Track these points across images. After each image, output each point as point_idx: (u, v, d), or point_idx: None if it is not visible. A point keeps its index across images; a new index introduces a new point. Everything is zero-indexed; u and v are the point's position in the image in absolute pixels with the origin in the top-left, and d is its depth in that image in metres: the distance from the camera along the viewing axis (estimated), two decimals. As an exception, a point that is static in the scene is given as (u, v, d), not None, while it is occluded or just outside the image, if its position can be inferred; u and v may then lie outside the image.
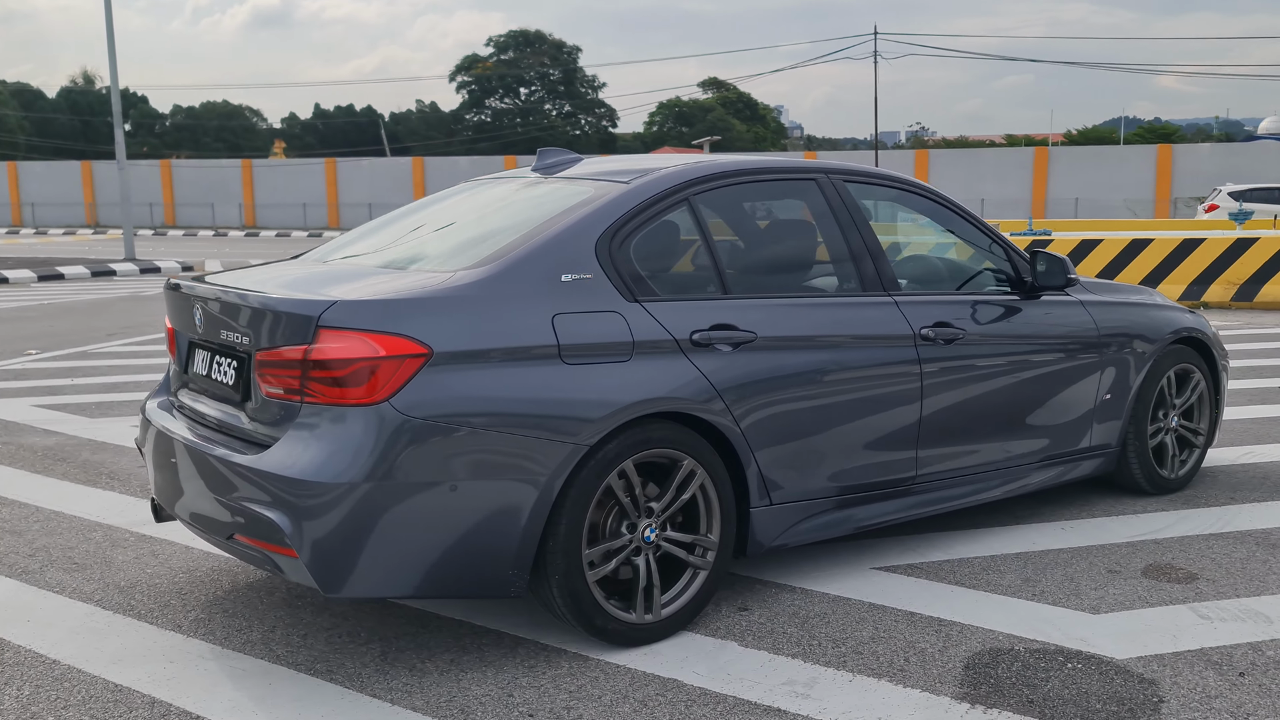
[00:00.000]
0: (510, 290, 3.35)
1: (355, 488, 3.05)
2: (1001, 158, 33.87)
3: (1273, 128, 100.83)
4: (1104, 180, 31.03)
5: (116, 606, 3.92)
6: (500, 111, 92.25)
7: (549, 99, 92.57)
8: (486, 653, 3.48)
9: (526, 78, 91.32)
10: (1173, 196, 31.27)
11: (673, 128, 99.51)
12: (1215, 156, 32.11)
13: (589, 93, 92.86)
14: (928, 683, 3.24)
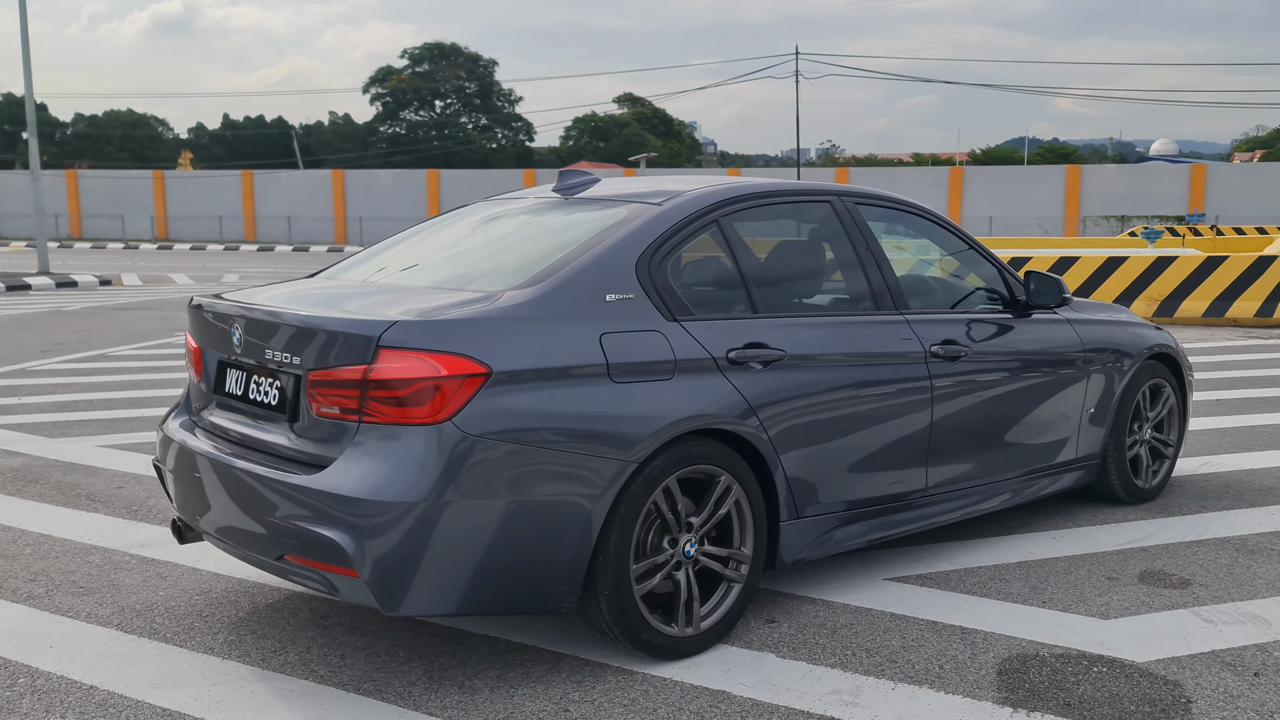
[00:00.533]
0: (560, 310, 3.41)
1: (417, 507, 3.08)
2: (919, 176, 34.74)
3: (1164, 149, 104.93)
4: (1016, 199, 32.02)
5: (139, 630, 3.86)
6: (415, 124, 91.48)
7: (465, 112, 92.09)
8: (531, 668, 3.52)
9: (442, 90, 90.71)
10: (1081, 215, 32.44)
11: (589, 143, 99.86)
12: (1122, 177, 33.39)
13: (505, 106, 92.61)
14: (967, 688, 3.36)
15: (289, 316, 3.44)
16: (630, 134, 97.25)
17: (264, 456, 3.46)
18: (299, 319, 3.39)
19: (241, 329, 3.57)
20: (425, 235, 4.41)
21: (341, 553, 3.10)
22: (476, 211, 4.52)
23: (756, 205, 4.10)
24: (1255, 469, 6.09)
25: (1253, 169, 35.42)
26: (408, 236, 4.47)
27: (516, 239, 4.11)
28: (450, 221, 4.50)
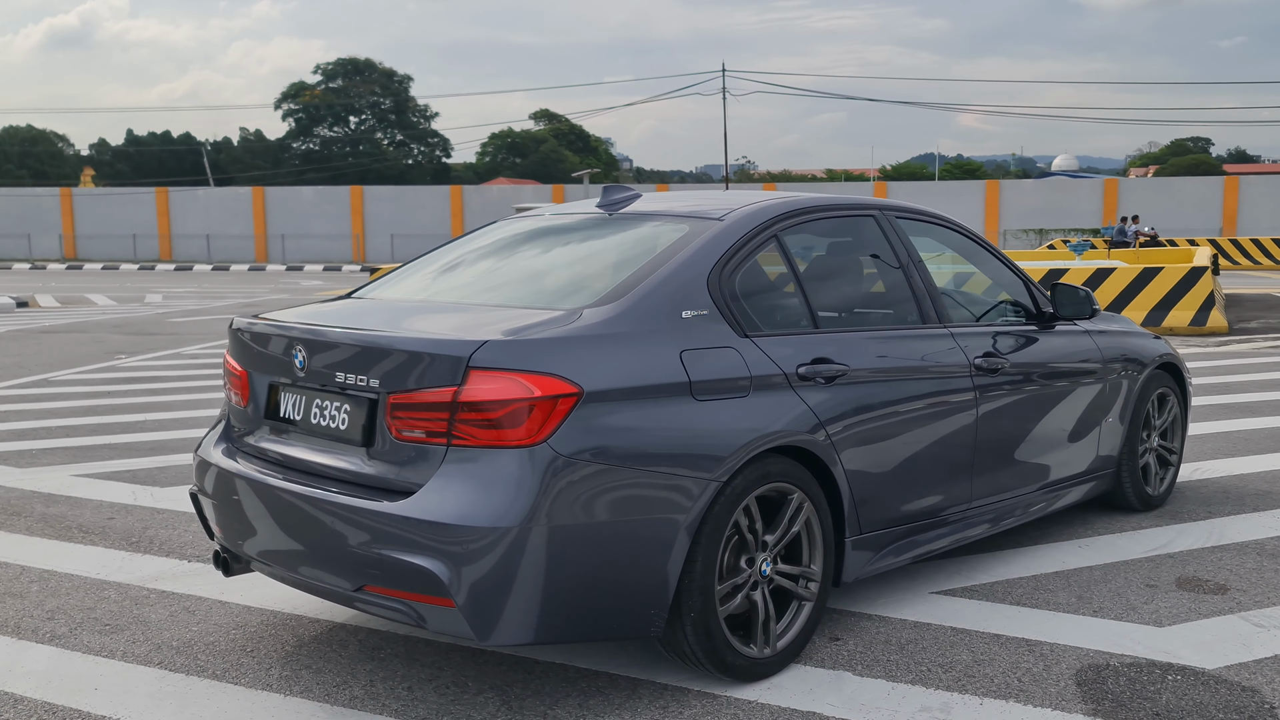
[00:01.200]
0: (641, 328, 3.34)
1: (514, 531, 2.98)
2: (845, 192, 35.29)
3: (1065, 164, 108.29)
4: (939, 212, 32.69)
5: (185, 668, 3.68)
6: (330, 140, 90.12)
7: (380, 128, 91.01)
8: (610, 695, 3.43)
9: (357, 106, 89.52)
10: (1001, 229, 33.25)
11: (506, 159, 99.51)
12: (1038, 191, 34.34)
13: (421, 122, 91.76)
14: (1052, 701, 3.37)
15: (367, 337, 3.31)
16: (548, 150, 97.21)
17: (333, 483, 3.32)
18: (378, 339, 3.27)
19: (306, 351, 3.43)
20: (469, 252, 4.30)
21: (436, 582, 2.99)
22: (517, 227, 4.43)
23: (811, 219, 4.08)
24: (1245, 474, 6.25)
25: (1161, 183, 36.71)
26: (449, 253, 4.36)
27: (577, 256, 4.04)
28: (492, 238, 4.40)
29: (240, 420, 3.79)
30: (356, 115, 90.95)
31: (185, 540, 5.15)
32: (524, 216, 4.57)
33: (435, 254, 4.42)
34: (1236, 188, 33.66)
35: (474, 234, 4.56)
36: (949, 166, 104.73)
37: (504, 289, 3.88)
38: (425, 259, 4.41)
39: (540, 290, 3.79)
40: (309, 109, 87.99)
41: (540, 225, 4.37)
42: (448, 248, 4.46)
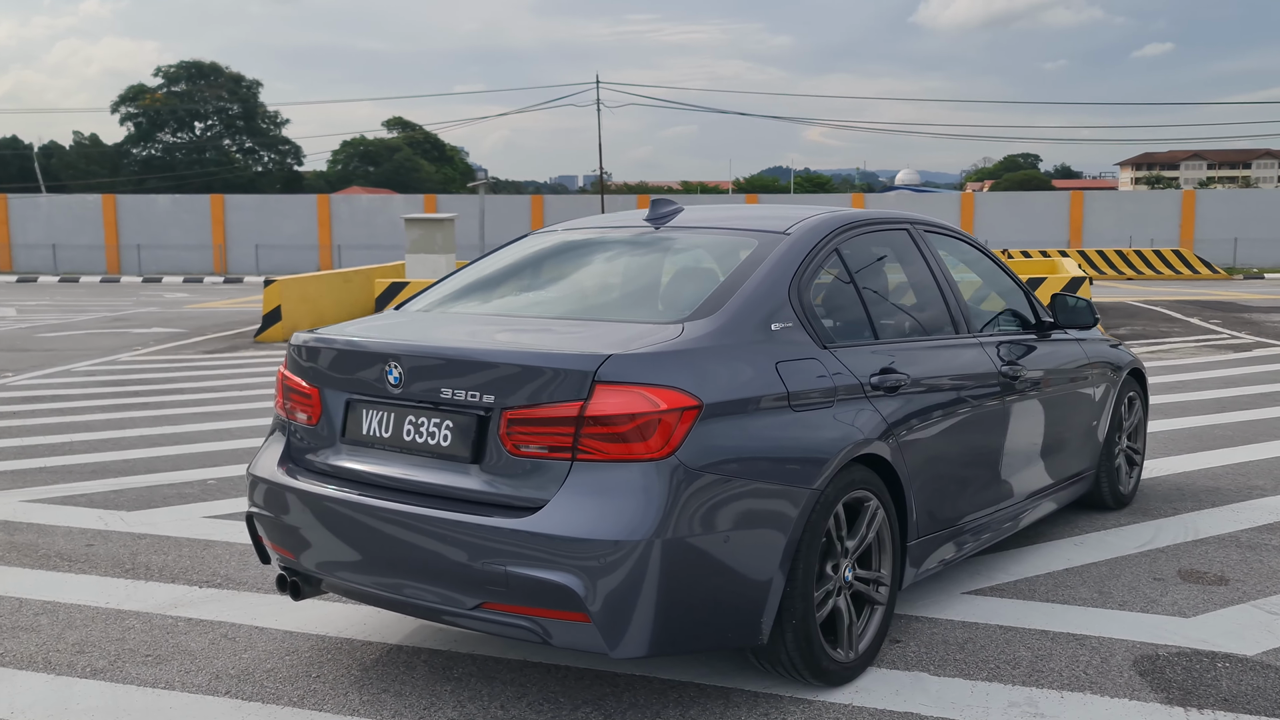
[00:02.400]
0: (741, 341, 3.40)
1: (647, 545, 2.99)
2: (715, 203, 35.90)
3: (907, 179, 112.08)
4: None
5: (258, 696, 3.55)
6: (173, 146, 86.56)
7: (228, 134, 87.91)
8: (706, 705, 3.46)
9: (202, 111, 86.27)
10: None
11: (358, 167, 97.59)
12: (900, 204, 35.67)
13: (272, 129, 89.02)
14: (1125, 691, 3.56)
15: (479, 353, 3.26)
16: (402, 159, 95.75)
17: (436, 500, 3.26)
18: (493, 355, 3.23)
19: (404, 367, 3.35)
20: (525, 264, 4.27)
21: (571, 596, 2.97)
22: (566, 239, 4.42)
23: (863, 233, 4.20)
24: (1188, 471, 6.67)
25: (1014, 198, 38.57)
26: (499, 265, 4.32)
27: (649, 269, 4.06)
28: (542, 249, 4.37)
29: (309, 438, 3.68)
30: (202, 121, 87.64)
31: (184, 566, 4.94)
32: (570, 228, 4.55)
33: (481, 266, 4.37)
34: (1081, 202, 35.65)
35: (513, 246, 4.52)
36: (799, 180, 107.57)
37: (588, 302, 3.88)
38: (473, 271, 4.35)
39: (630, 303, 3.80)
40: (150, 113, 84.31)
41: (594, 238, 4.37)
42: (493, 260, 4.41)
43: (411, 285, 15.75)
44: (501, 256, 4.43)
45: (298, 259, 36.49)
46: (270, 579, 4.72)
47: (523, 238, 4.63)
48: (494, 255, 4.48)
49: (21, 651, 3.95)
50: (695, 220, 4.26)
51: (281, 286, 15.69)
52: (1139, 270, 30.68)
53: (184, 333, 16.52)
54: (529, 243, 4.51)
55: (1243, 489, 6.25)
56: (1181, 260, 31.45)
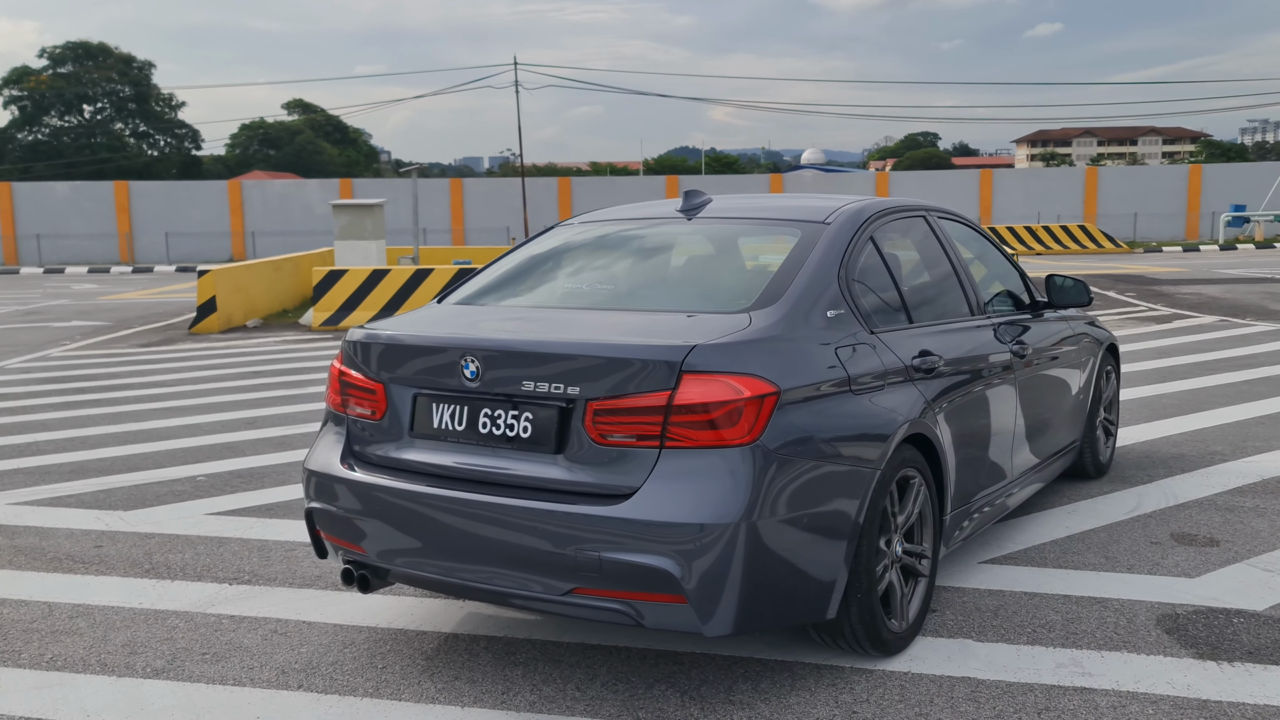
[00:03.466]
0: (805, 328, 3.53)
1: (738, 526, 3.11)
2: (637, 185, 36.02)
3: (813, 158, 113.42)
4: (730, 206, 33.99)
5: (332, 688, 3.58)
6: (61, 130, 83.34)
7: (120, 117, 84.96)
8: (775, 678, 3.60)
9: (92, 94, 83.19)
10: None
11: (259, 150, 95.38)
12: (817, 183, 36.25)
13: (166, 112, 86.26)
14: (1158, 649, 3.80)
15: (563, 345, 3.34)
16: (304, 142, 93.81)
17: (518, 491, 3.34)
18: (578, 347, 3.30)
19: (481, 361, 3.41)
20: (566, 255, 4.34)
21: (668, 579, 3.08)
22: (605, 230, 4.49)
23: (891, 220, 4.36)
24: (1152, 439, 7.02)
25: (926, 176, 39.48)
26: (541, 256, 4.38)
27: (698, 259, 4.16)
28: (581, 241, 4.44)
29: (373, 432, 3.71)
30: (91, 104, 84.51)
31: (205, 564, 4.92)
32: (599, 221, 4.62)
33: (518, 257, 4.42)
34: (990, 180, 36.65)
35: (547, 237, 4.57)
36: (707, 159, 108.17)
37: (647, 293, 3.96)
38: (511, 262, 4.40)
39: (689, 294, 3.90)
40: (35, 96, 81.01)
41: (633, 230, 4.45)
42: (529, 251, 4.46)
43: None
44: (537, 247, 4.49)
45: (209, 247, 35.61)
46: (299, 573, 4.73)
47: (551, 229, 4.69)
48: (529, 246, 4.53)
49: (71, 655, 3.92)
50: (729, 210, 4.37)
51: (216, 277, 15.38)
52: (1048, 245, 31.68)
53: (109, 325, 16.09)
54: (563, 234, 4.57)
55: (1204, 455, 6.61)
56: (1087, 235, 32.56)
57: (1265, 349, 11.21)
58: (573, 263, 4.32)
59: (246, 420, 8.39)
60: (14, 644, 4.04)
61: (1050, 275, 5.39)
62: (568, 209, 35.12)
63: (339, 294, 15.37)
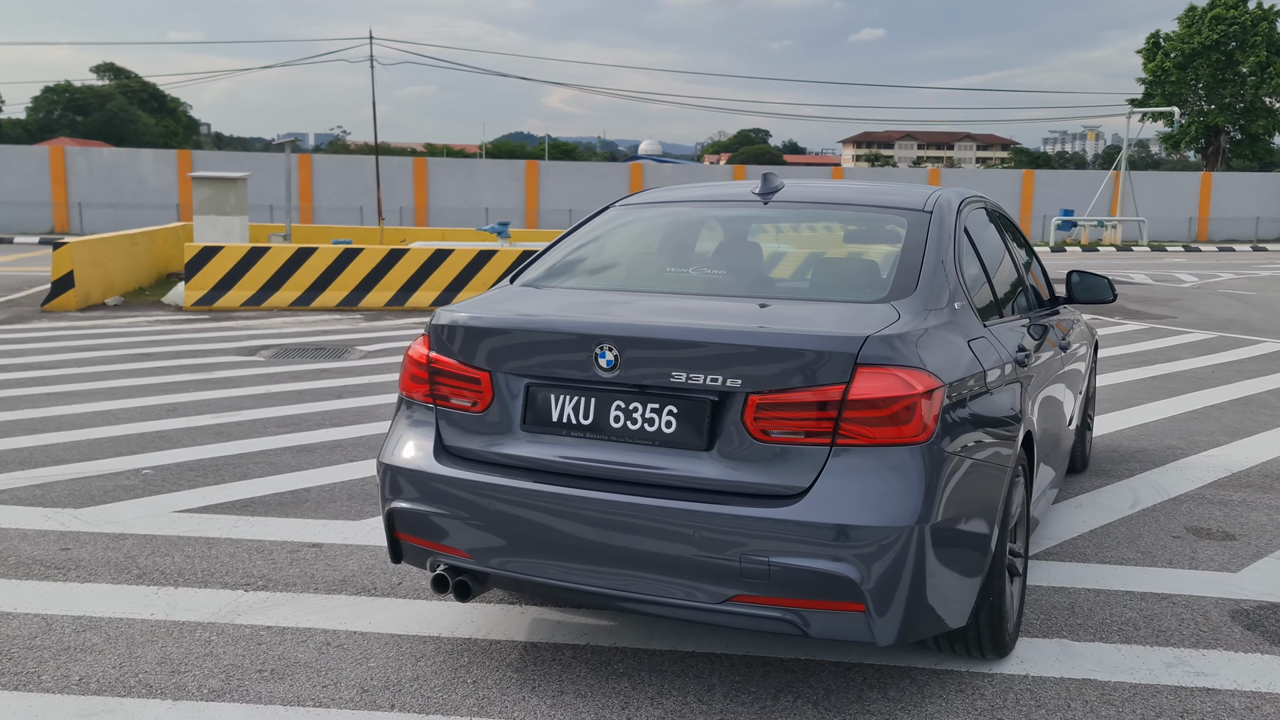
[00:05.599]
0: (942, 320, 3.37)
1: (917, 529, 2.94)
2: (497, 169, 35.19)
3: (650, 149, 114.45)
4: (589, 193, 33.64)
5: (433, 707, 3.24)
6: None
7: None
8: (899, 684, 3.45)
9: None
10: (648, 210, 34.76)
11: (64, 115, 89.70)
12: (677, 176, 36.31)
13: (-40, 72, 79.87)
14: (1252, 645, 3.82)
15: (723, 334, 3.07)
16: (116, 108, 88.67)
17: (662, 491, 3.06)
18: (740, 337, 3.04)
19: (620, 349, 3.11)
20: (652, 237, 4.06)
21: (849, 585, 2.88)
22: (685, 212, 4.23)
23: (973, 210, 4.25)
24: (1111, 433, 7.21)
25: (798, 172, 40.05)
26: (619, 236, 4.09)
27: (806, 246, 3.96)
28: (661, 223, 4.17)
29: (475, 426, 3.36)
30: None
31: (204, 568, 4.43)
32: (673, 201, 4.32)
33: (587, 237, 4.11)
34: (843, 176, 37.58)
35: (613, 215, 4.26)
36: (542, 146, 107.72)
37: (771, 281, 3.73)
38: (579, 242, 4.08)
39: (817, 282, 3.70)
40: None
41: (722, 213, 4.19)
42: (598, 230, 4.16)
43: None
44: (609, 227, 4.18)
45: (24, 217, 33.00)
46: (319, 578, 4.32)
47: (610, 208, 4.38)
48: (596, 226, 4.21)
49: (103, 676, 3.43)
50: (810, 196, 4.18)
51: (74, 250, 14.19)
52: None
53: (-53, 300, 14.66)
54: (635, 215, 4.28)
55: (1164, 450, 6.83)
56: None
57: (1149, 346, 11.75)
58: (667, 246, 4.04)
59: (166, 407, 7.71)
60: (24, 664, 3.51)
61: (1072, 271, 5.42)
62: (424, 190, 34.14)
63: (213, 272, 14.44)
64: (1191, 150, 52.51)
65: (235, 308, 14.38)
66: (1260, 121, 47.46)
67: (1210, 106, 47.88)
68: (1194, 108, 47.97)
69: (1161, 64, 47.84)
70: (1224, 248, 34.89)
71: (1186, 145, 50.69)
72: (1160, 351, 11.40)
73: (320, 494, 5.52)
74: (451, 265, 14.92)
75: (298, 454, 6.37)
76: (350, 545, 4.72)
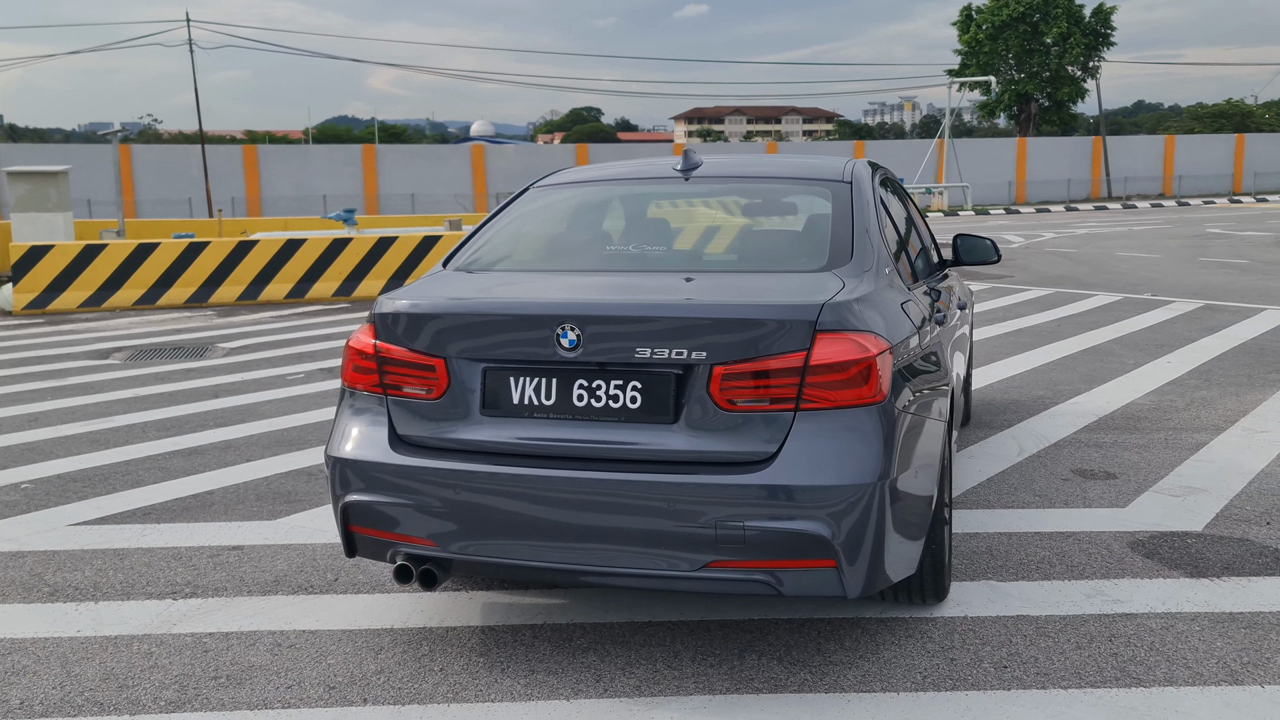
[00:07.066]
0: (879, 285, 3.50)
1: (880, 486, 3.06)
2: (331, 155, 34.20)
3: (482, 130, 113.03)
4: (430, 177, 33.14)
5: (408, 697, 3.21)
6: None
7: None
8: (860, 636, 3.60)
9: None
10: (491, 191, 34.51)
11: None
12: (519, 156, 36.10)
13: None
14: (1151, 572, 4.12)
15: (686, 308, 3.12)
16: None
17: (629, 465, 3.11)
18: (704, 310, 3.10)
19: (582, 329, 3.13)
20: (585, 216, 4.07)
21: (822, 543, 2.99)
22: (610, 191, 4.24)
23: (882, 178, 4.41)
24: (984, 387, 7.60)
25: (629, 150, 40.29)
26: (549, 217, 4.07)
27: (736, 219, 4.02)
28: (591, 201, 4.18)
29: (431, 413, 3.32)
30: None
31: (121, 580, 4.26)
32: (600, 180, 4.34)
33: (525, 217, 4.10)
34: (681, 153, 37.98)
35: (538, 196, 4.26)
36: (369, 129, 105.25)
37: (713, 254, 3.79)
38: (524, 224, 4.07)
39: (757, 254, 3.77)
40: None
41: (649, 190, 4.23)
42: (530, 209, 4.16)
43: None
44: (537, 209, 4.18)
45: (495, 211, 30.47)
46: (249, 580, 4.20)
47: (529, 190, 4.38)
48: (522, 207, 4.20)
49: (48, 696, 3.27)
50: (730, 170, 4.26)
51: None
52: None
53: None
54: (562, 195, 4.28)
55: (1035, 399, 7.25)
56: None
57: (997, 305, 12.40)
58: (599, 226, 4.06)
59: (25, 418, 7.29)
60: (-47, 694, 3.31)
61: (959, 234, 5.68)
62: (255, 179, 32.95)
63: (45, 272, 13.66)
64: (1003, 117, 55.24)
65: (72, 309, 13.66)
66: (1065, 89, 50.27)
67: (1020, 75, 50.42)
68: (1006, 77, 50.42)
69: (975, 35, 50.09)
70: (1041, 209, 36.93)
71: (1001, 112, 53.28)
72: (1008, 309, 12.04)
73: (225, 496, 5.35)
74: (305, 256, 14.52)
75: (188, 457, 6.13)
76: (273, 545, 4.60)
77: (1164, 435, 6.23)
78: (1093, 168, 43.84)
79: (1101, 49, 49.24)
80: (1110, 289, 13.71)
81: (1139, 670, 3.33)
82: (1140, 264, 17.10)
